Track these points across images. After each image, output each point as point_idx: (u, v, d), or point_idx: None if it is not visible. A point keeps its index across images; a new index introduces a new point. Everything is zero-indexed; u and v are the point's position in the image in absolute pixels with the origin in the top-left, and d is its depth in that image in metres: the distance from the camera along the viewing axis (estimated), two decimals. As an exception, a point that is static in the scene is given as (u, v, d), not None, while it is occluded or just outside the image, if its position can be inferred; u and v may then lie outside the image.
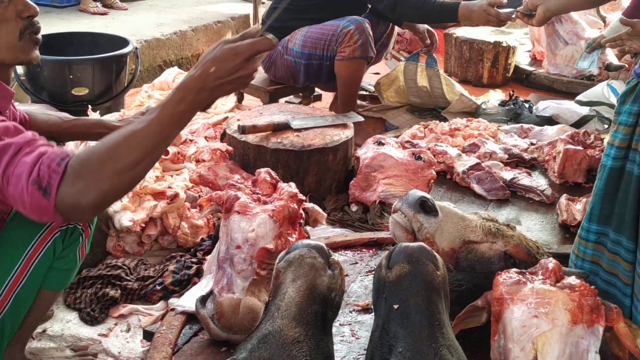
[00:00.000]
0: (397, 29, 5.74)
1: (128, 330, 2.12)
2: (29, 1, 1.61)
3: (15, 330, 1.73)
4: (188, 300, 1.98)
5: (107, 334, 2.11)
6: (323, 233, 2.55)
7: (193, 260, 2.36)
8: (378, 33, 3.93)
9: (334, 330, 1.72)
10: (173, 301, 2.08)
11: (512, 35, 5.16)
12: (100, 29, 4.49)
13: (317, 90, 4.29)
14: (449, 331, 1.41)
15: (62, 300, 2.22)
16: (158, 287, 2.24)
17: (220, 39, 1.48)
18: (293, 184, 2.07)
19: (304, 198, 2.07)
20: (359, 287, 2.07)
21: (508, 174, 2.92)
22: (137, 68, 3.60)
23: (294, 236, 1.97)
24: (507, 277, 1.57)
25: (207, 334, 1.81)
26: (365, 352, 1.51)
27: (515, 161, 3.13)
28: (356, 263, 2.21)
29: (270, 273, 1.89)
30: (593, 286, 1.54)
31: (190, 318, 1.89)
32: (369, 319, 1.91)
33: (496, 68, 4.84)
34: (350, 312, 1.94)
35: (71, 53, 3.43)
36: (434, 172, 2.82)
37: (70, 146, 2.81)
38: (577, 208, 2.56)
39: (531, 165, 3.15)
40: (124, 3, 5.53)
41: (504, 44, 4.81)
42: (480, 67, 4.87)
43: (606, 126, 3.56)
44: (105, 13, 5.20)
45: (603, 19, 5.23)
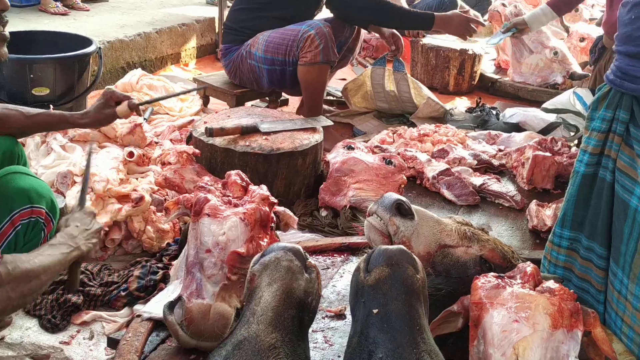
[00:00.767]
0: (364, 34, 5.76)
1: (91, 337, 2.04)
2: None
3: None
4: (155, 306, 1.90)
5: (69, 342, 2.02)
6: (293, 238, 2.50)
7: (159, 265, 2.28)
8: (343, 37, 3.91)
9: (307, 336, 1.67)
10: (139, 307, 2.00)
11: (478, 43, 5.19)
12: (61, 29, 4.37)
13: (284, 94, 4.26)
14: (430, 336, 1.38)
15: (21, 306, 2.12)
16: (122, 293, 2.16)
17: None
18: (264, 187, 2.02)
19: (276, 201, 2.02)
20: (331, 293, 2.02)
21: (477, 180, 2.91)
22: (100, 69, 3.50)
23: (266, 240, 1.91)
24: (486, 281, 1.54)
25: (176, 341, 1.73)
26: (340, 359, 1.47)
27: (484, 167, 3.13)
28: (328, 268, 2.17)
29: (241, 278, 1.83)
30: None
31: (157, 325, 1.82)
32: (342, 325, 1.86)
33: (462, 75, 4.87)
34: (322, 318, 1.89)
35: (32, 52, 3.32)
36: (405, 177, 2.79)
37: (36, 138, 2.72)
38: (547, 214, 2.56)
39: (499, 171, 3.15)
40: (86, 4, 5.40)
41: (470, 52, 4.84)
42: (446, 75, 4.89)
43: (572, 133, 3.60)
44: (65, 13, 5.07)
45: (566, 29, 5.31)
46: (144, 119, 3.34)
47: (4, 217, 1.60)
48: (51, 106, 3.05)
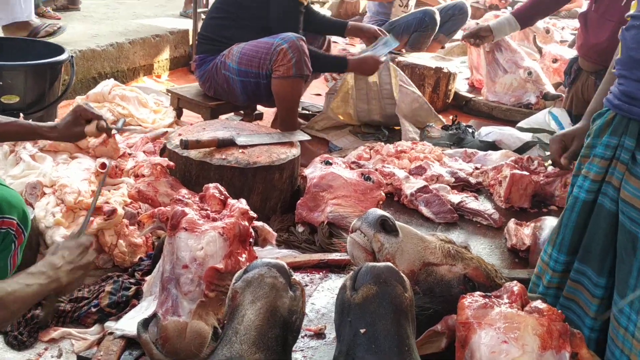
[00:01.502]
0: (339, 52, 5.76)
1: (60, 355, 1.95)
2: None
3: None
4: (127, 323, 1.83)
5: (36, 360, 1.94)
6: (270, 254, 2.44)
7: (131, 280, 2.20)
8: (316, 48, 3.90)
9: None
10: (110, 324, 1.92)
11: (452, 62, 5.21)
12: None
13: (259, 108, 4.21)
14: (418, 357, 1.33)
15: (-15, 322, 2.03)
16: (93, 309, 2.08)
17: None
18: (244, 201, 1.97)
19: (255, 216, 1.97)
20: (311, 311, 1.97)
21: (456, 198, 2.89)
22: (72, 78, 3.41)
23: (244, 256, 1.86)
24: (473, 301, 1.51)
25: (150, 360, 1.67)
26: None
27: (461, 185, 3.11)
28: (306, 285, 2.11)
29: (219, 295, 1.78)
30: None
31: (130, 343, 1.75)
32: (322, 345, 1.81)
33: (437, 94, 4.87)
34: (302, 337, 1.83)
35: (2, 59, 3.22)
36: (383, 194, 2.76)
37: (4, 147, 2.64)
38: (526, 233, 2.54)
39: (477, 189, 3.14)
40: (57, 12, 5.29)
41: (445, 70, 4.85)
42: (421, 92, 4.87)
43: (548, 152, 3.60)
44: None
45: (539, 50, 5.37)
46: (117, 130, 3.26)
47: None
48: (21, 115, 2.96)
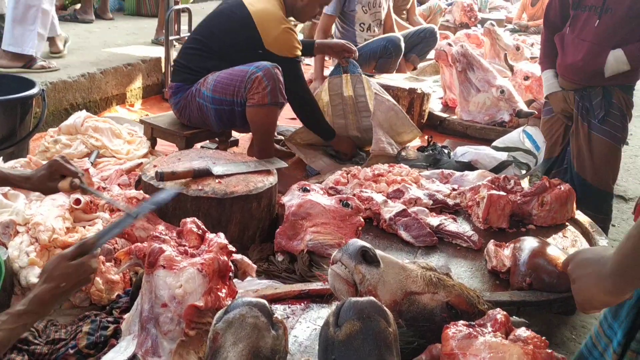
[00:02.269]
0: (311, 76, 5.78)
1: (37, 401, 1.90)
2: None
3: None
4: (107, 365, 1.79)
5: (12, 407, 1.88)
6: (249, 285, 2.41)
7: (109, 319, 2.15)
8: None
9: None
10: (89, 367, 1.88)
11: (425, 82, 5.26)
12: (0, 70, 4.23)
13: (235, 134, 4.20)
14: (404, 393, 1.31)
15: (-41, 368, 1.97)
16: (71, 351, 2.02)
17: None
18: (222, 235, 1.94)
19: (234, 249, 1.94)
20: (292, 344, 1.94)
21: (434, 220, 2.89)
22: (44, 111, 3.36)
23: (224, 291, 1.83)
24: (457, 331, 1.50)
25: (130, 404, 1.63)
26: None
27: (439, 207, 3.11)
28: (288, 317, 2.08)
29: (199, 333, 1.74)
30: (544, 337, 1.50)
31: (109, 386, 1.71)
32: (306, 379, 1.78)
33: (411, 114, 4.89)
34: (286, 372, 1.80)
35: (-30, 95, 3.17)
36: (362, 220, 2.75)
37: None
38: (506, 254, 2.54)
39: (455, 210, 3.14)
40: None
41: (419, 91, 4.88)
42: (396, 114, 4.90)
43: (523, 171, 3.64)
44: None
45: (511, 68, 5.43)
46: (90, 163, 3.22)
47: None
48: (-8, 152, 2.92)
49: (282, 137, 4.38)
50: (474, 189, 3.13)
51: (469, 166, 3.70)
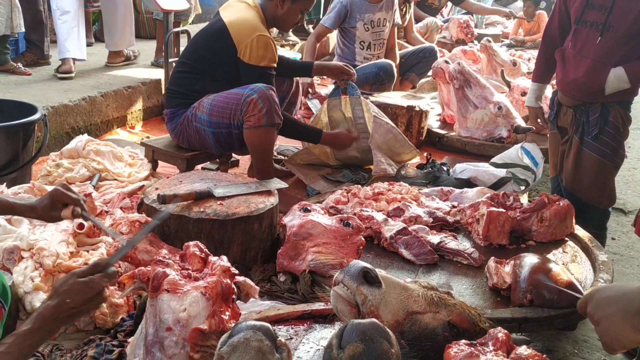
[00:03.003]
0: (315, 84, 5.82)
1: None
2: None
3: None
4: (112, 389, 1.81)
5: None
6: (252, 306, 2.43)
7: (114, 343, 2.17)
8: (283, 92, 3.94)
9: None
10: (94, 391, 1.89)
11: (423, 100, 5.29)
12: (1, 95, 4.27)
13: (235, 155, 4.23)
14: (408, 414, 1.33)
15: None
16: (76, 376, 2.04)
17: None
18: (225, 258, 1.96)
19: (237, 272, 1.96)
20: (297, 365, 1.96)
21: (435, 238, 2.91)
22: (46, 136, 3.40)
23: (228, 313, 1.85)
24: (459, 350, 1.52)
25: None
26: None
27: (439, 225, 3.13)
28: (291, 338, 2.10)
29: (204, 356, 1.76)
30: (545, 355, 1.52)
31: (115, 410, 1.72)
32: (311, 400, 1.80)
33: (410, 132, 4.92)
34: (290, 394, 1.81)
35: (-27, 121, 3.21)
36: (363, 239, 2.77)
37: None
38: (506, 271, 2.56)
39: (455, 228, 3.16)
40: (27, 68, 5.30)
41: (417, 108, 4.92)
42: (394, 131, 4.94)
43: (522, 187, 3.66)
44: None
45: (508, 84, 5.47)
46: (92, 186, 3.25)
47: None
48: (-5, 178, 2.95)
49: (283, 157, 4.41)
50: (474, 206, 3.15)
51: (468, 183, 3.72)
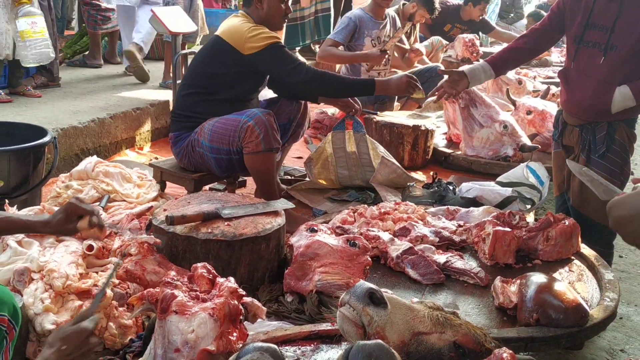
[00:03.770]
0: (315, 115, 5.87)
1: None
2: None
3: None
4: (122, 411, 1.83)
5: None
6: (260, 327, 2.44)
7: (123, 363, 2.20)
8: (292, 113, 3.97)
9: None
10: (104, 413, 1.92)
11: (429, 119, 5.33)
12: (12, 118, 4.32)
13: (240, 176, 4.26)
14: None
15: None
16: (86, 397, 2.06)
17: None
18: (232, 279, 1.99)
19: (244, 293, 1.98)
20: (304, 386, 1.97)
21: (441, 258, 2.92)
22: (56, 158, 3.44)
23: (235, 334, 1.88)
24: (464, 371, 1.53)
25: None
26: None
27: (445, 244, 3.15)
28: (298, 359, 2.12)
29: (212, 376, 1.78)
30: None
31: None
32: (318, 421, 1.81)
33: (416, 151, 4.96)
34: (297, 415, 1.83)
35: (-16, 143, 3.25)
36: (369, 259, 2.79)
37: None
38: (512, 290, 2.57)
39: (461, 247, 3.17)
40: (37, 90, 5.37)
41: (423, 128, 4.95)
42: (400, 150, 4.98)
43: (528, 206, 3.67)
44: (9, 101, 5.00)
45: (513, 102, 5.50)
46: (101, 207, 3.28)
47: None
48: (6, 201, 2.98)
49: (289, 177, 4.44)
50: (480, 225, 3.17)
51: (474, 202, 3.74)
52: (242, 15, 3.79)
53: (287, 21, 7.67)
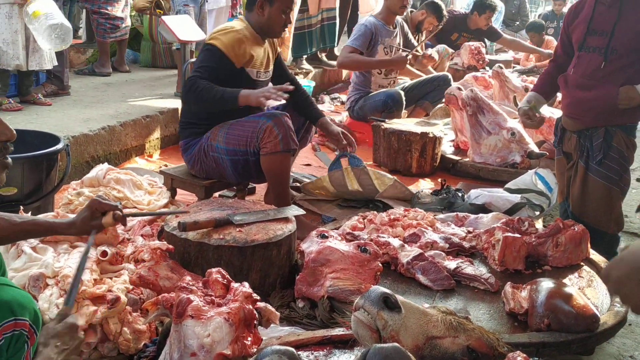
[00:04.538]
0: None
1: None
2: (8, 125, 1.73)
3: None
4: (138, 414, 1.85)
5: None
6: (272, 332, 2.46)
7: (137, 368, 2.22)
8: (299, 122, 3.97)
9: None
10: (120, 416, 1.93)
11: (437, 126, 5.35)
12: (23, 125, 4.35)
13: (251, 182, 4.28)
14: None
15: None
16: (101, 401, 2.09)
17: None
18: (247, 284, 2.02)
19: (258, 298, 2.01)
20: (317, 390, 1.99)
21: (451, 264, 2.94)
22: (68, 166, 3.47)
23: (250, 339, 1.90)
24: (479, 374, 1.55)
25: None
26: None
27: (455, 250, 3.16)
28: (312, 363, 2.14)
29: (228, 380, 1.80)
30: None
31: None
32: None
33: (424, 158, 4.98)
34: (312, 418, 1.85)
35: (-3, 150, 3.28)
36: (380, 264, 2.81)
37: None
38: (523, 296, 2.58)
39: (471, 253, 3.19)
40: (47, 98, 5.41)
41: (431, 135, 4.98)
42: (408, 157, 5.00)
43: (537, 213, 3.69)
44: (19, 109, 5.04)
45: (520, 110, 5.51)
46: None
47: (-13, 333, 1.56)
48: (21, 207, 3.01)
49: (298, 184, 4.46)
50: (489, 232, 3.18)
51: (483, 209, 3.76)
52: (240, 19, 3.81)
53: (295, 30, 7.74)
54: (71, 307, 1.92)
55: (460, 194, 4.00)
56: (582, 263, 3.12)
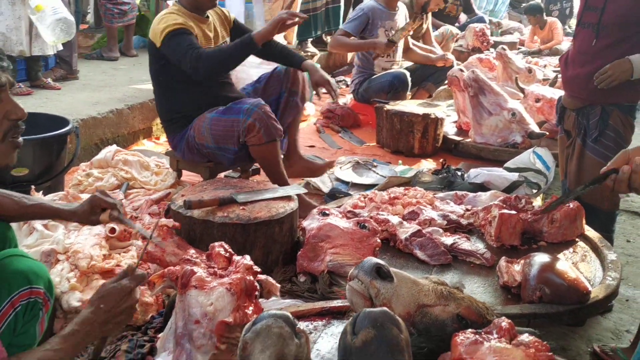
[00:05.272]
0: (328, 104, 5.96)
1: (82, 414, 2.06)
2: (19, 103, 1.71)
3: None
4: (145, 379, 1.95)
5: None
6: (274, 305, 2.56)
7: (145, 338, 2.33)
8: (282, 84, 4.00)
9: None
10: (129, 381, 2.04)
11: (440, 107, 5.41)
12: (33, 109, 4.44)
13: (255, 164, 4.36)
14: (416, 393, 1.45)
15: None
16: (111, 368, 2.20)
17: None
18: (248, 257, 2.11)
19: (259, 270, 2.10)
20: (316, 357, 2.08)
21: (448, 240, 3.02)
22: (78, 147, 3.58)
23: (251, 308, 1.99)
24: (465, 338, 1.64)
25: (169, 413, 1.78)
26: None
27: (453, 227, 3.24)
28: (311, 333, 2.23)
29: (229, 347, 1.90)
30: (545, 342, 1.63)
31: (149, 398, 1.86)
32: (329, 388, 1.92)
33: (426, 139, 5.05)
34: (309, 382, 1.94)
35: (9, 133, 3.39)
36: (379, 240, 2.89)
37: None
38: (516, 269, 2.66)
39: (468, 230, 3.27)
40: (57, 82, 5.51)
41: (433, 116, 5.04)
42: (411, 138, 5.07)
43: (534, 190, 3.76)
44: (29, 93, 5.15)
45: (522, 90, 5.57)
46: (122, 194, 3.42)
47: (4, 299, 1.66)
48: (32, 187, 3.12)
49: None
50: (487, 209, 3.26)
51: (482, 187, 3.82)
52: (174, 4, 3.77)
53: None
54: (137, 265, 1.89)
55: (460, 173, 4.07)
56: (577, 239, 3.18)
